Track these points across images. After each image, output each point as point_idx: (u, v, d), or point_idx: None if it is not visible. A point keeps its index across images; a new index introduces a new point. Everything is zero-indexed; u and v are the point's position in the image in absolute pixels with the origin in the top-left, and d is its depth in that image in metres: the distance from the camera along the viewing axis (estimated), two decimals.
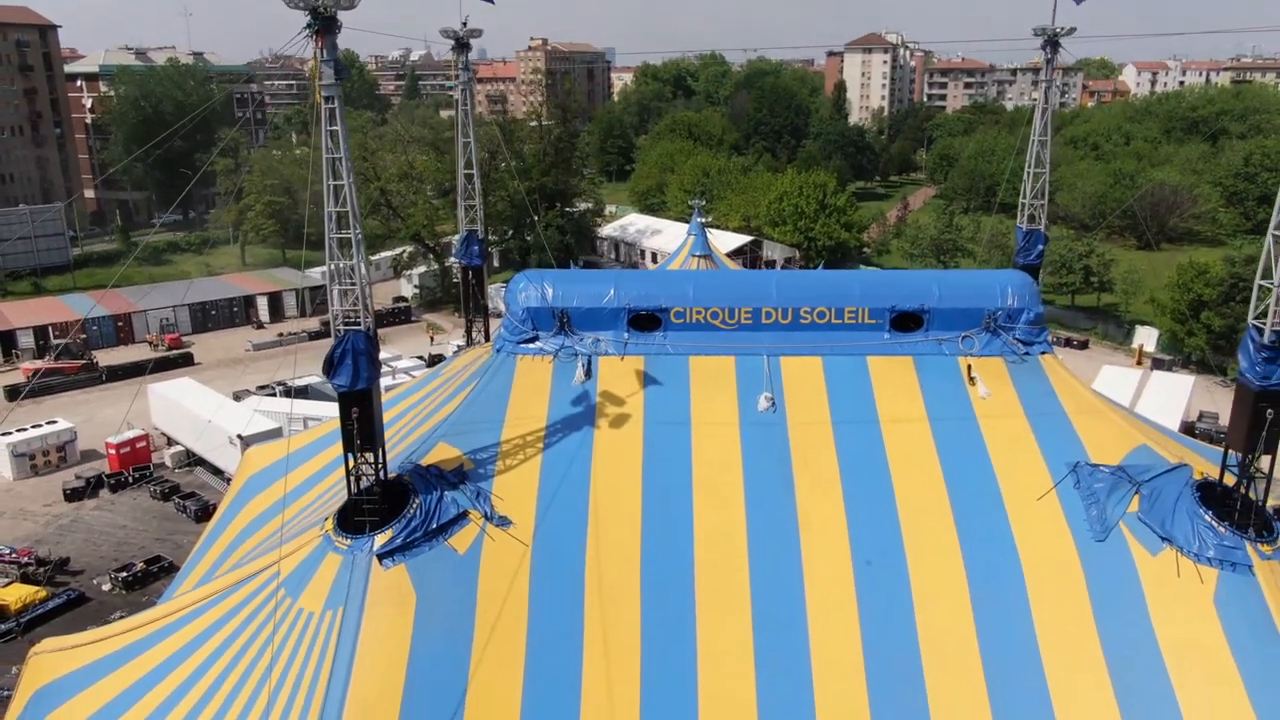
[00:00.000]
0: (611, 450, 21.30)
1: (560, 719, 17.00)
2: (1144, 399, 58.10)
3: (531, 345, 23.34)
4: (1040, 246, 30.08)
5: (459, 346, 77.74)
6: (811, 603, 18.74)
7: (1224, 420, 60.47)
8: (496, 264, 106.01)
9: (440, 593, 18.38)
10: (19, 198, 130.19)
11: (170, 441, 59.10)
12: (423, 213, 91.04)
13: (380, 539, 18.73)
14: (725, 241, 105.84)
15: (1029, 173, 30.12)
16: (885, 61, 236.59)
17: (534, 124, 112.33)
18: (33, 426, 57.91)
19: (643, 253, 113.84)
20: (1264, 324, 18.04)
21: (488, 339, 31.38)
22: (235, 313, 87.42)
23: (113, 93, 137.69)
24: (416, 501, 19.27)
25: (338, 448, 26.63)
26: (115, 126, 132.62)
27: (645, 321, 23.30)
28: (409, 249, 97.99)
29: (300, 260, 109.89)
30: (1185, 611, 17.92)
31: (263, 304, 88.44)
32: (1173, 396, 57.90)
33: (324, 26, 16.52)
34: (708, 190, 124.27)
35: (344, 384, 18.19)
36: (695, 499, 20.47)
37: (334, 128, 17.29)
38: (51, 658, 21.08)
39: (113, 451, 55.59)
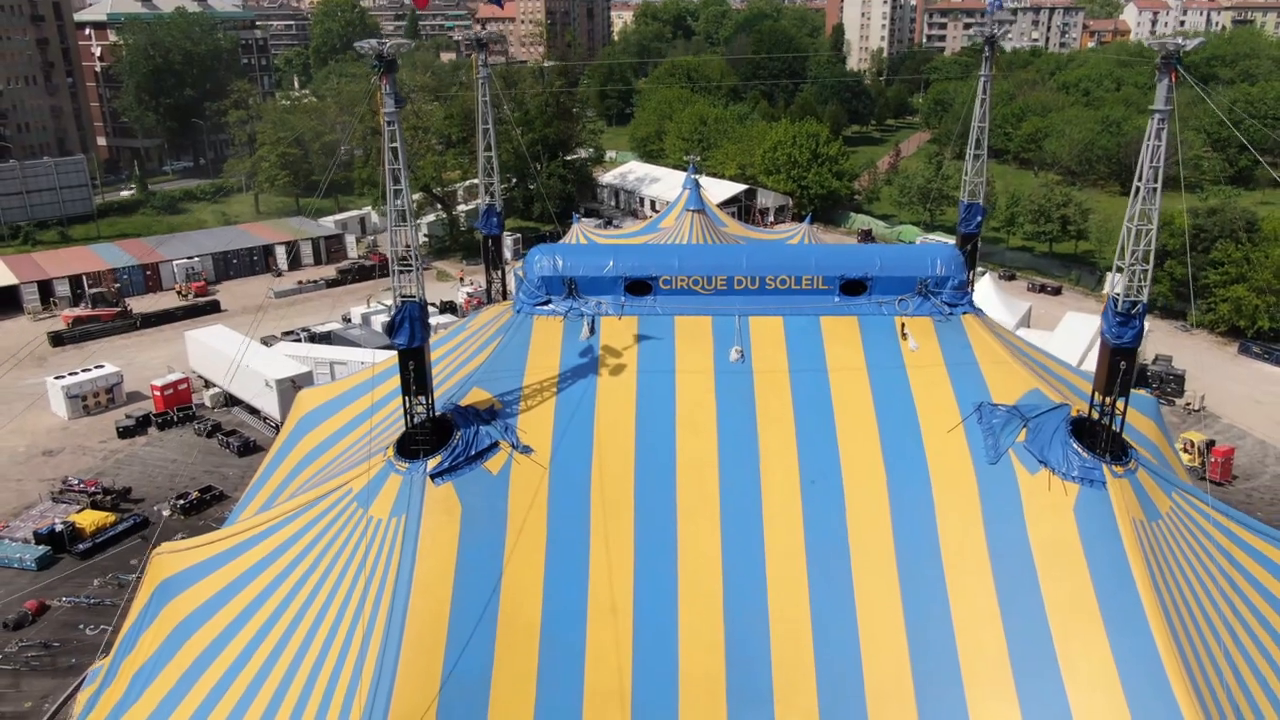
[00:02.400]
0: (611, 393, 26.57)
1: (573, 594, 22.54)
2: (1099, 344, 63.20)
3: (545, 307, 28.46)
4: (979, 218, 34.93)
5: (468, 294, 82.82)
6: (766, 510, 24.17)
7: (1177, 363, 65.94)
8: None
9: (479, 503, 23.81)
10: (35, 147, 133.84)
11: (208, 384, 64.37)
12: (431, 164, 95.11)
13: (432, 463, 24.09)
14: (720, 190, 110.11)
15: (970, 154, 34.76)
16: (885, 1, 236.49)
17: (536, 73, 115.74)
18: (82, 370, 63.15)
19: (642, 200, 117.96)
20: (1119, 296, 23.10)
21: (505, 297, 36.46)
22: (255, 261, 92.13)
23: (121, 42, 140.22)
24: (458, 434, 24.61)
25: (379, 392, 32.11)
26: (126, 76, 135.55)
27: (638, 288, 28.38)
28: (417, 198, 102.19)
29: (311, 208, 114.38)
30: (1052, 516, 23.32)
31: (280, 253, 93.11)
32: None
33: (386, 68, 21.27)
34: (705, 139, 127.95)
35: (403, 343, 23.38)
36: (677, 432, 25.79)
37: (394, 144, 22.08)
38: (170, 557, 26.69)
39: (157, 393, 60.79)
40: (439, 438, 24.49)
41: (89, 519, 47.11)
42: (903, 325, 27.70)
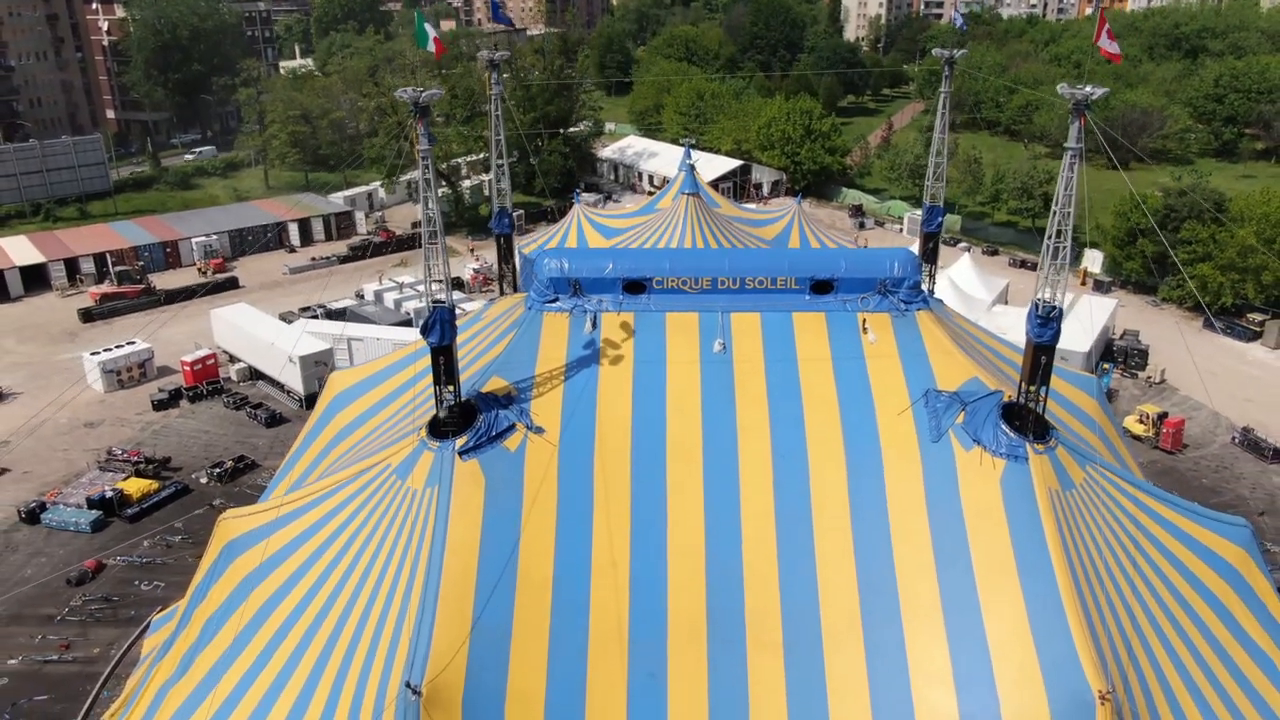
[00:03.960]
0: (610, 380, 30.82)
1: (580, 553, 26.96)
2: (1068, 320, 67.29)
3: (554, 305, 32.62)
4: (939, 219, 39.03)
5: (475, 270, 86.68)
6: (743, 480, 28.53)
7: (1144, 338, 70.20)
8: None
9: (500, 476, 28.17)
10: (47, 121, 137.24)
11: (232, 359, 68.71)
12: (437, 145, 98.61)
13: (459, 442, 28.41)
14: (716, 166, 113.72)
15: (932, 160, 38.70)
16: None
17: (537, 51, 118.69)
18: (116, 346, 67.44)
19: (640, 175, 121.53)
20: (1040, 300, 27.30)
21: (515, 289, 40.63)
22: (269, 238, 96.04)
23: (129, 17, 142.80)
24: (481, 418, 28.92)
25: (407, 374, 36.35)
26: (135, 52, 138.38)
27: (634, 287, 32.50)
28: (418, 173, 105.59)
29: (321, 183, 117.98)
30: (981, 487, 27.68)
31: (293, 229, 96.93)
32: (1093, 319, 67.11)
33: (421, 113, 25.28)
34: (702, 114, 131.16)
35: (435, 341, 27.60)
36: (668, 414, 30.07)
37: (429, 176, 26.10)
38: (235, 521, 31.16)
39: (186, 368, 65.22)
40: (465, 420, 28.80)
41: (135, 486, 51.66)
42: (864, 320, 31.86)
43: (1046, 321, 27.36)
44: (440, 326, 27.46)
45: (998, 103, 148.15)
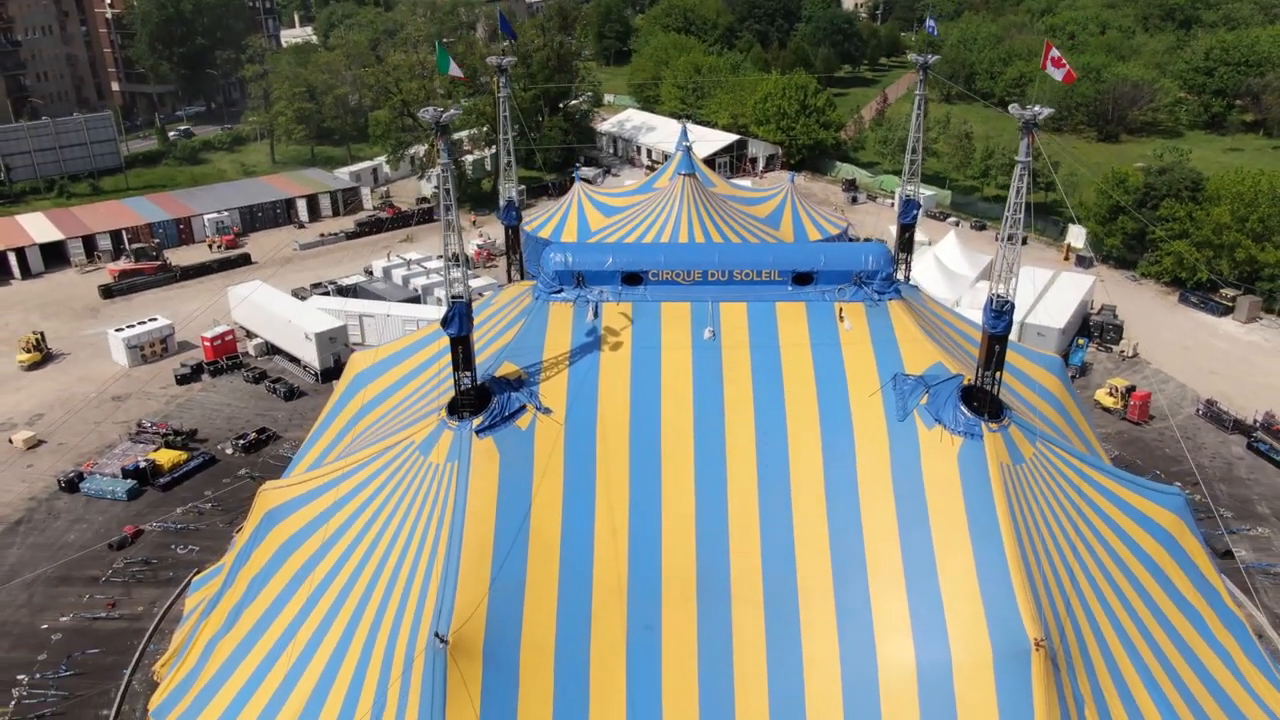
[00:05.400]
0: (611, 365, 34.17)
1: (584, 519, 30.49)
2: (1049, 295, 70.68)
3: (559, 295, 35.88)
4: (915, 212, 42.15)
5: (478, 245, 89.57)
6: (729, 454, 31.99)
7: (1121, 312, 73.42)
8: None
9: (513, 452, 31.63)
10: (54, 95, 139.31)
11: (249, 335, 71.93)
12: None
13: (476, 422, 31.83)
14: (713, 141, 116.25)
15: (907, 159, 41.71)
16: None
17: (538, 28, 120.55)
18: (139, 323, 70.63)
19: (639, 149, 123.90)
20: (994, 296, 30.55)
21: (523, 277, 43.85)
22: (278, 214, 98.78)
23: None
24: (495, 399, 32.32)
25: (423, 355, 39.66)
26: (140, 26, 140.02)
27: (632, 279, 35.75)
28: (424, 148, 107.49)
29: (326, 156, 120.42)
30: (941, 461, 31.14)
31: (302, 206, 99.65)
32: (1071, 294, 70.31)
33: (441, 131, 28.38)
34: (699, 87, 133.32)
35: (454, 333, 30.91)
36: (663, 395, 33.46)
37: (448, 186, 29.22)
38: (274, 492, 34.68)
39: (207, 344, 68.42)
40: (481, 402, 32.21)
41: (166, 457, 55.11)
42: (840, 310, 35.13)
43: (1000, 314, 30.63)
44: (459, 319, 30.75)
45: (991, 74, 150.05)
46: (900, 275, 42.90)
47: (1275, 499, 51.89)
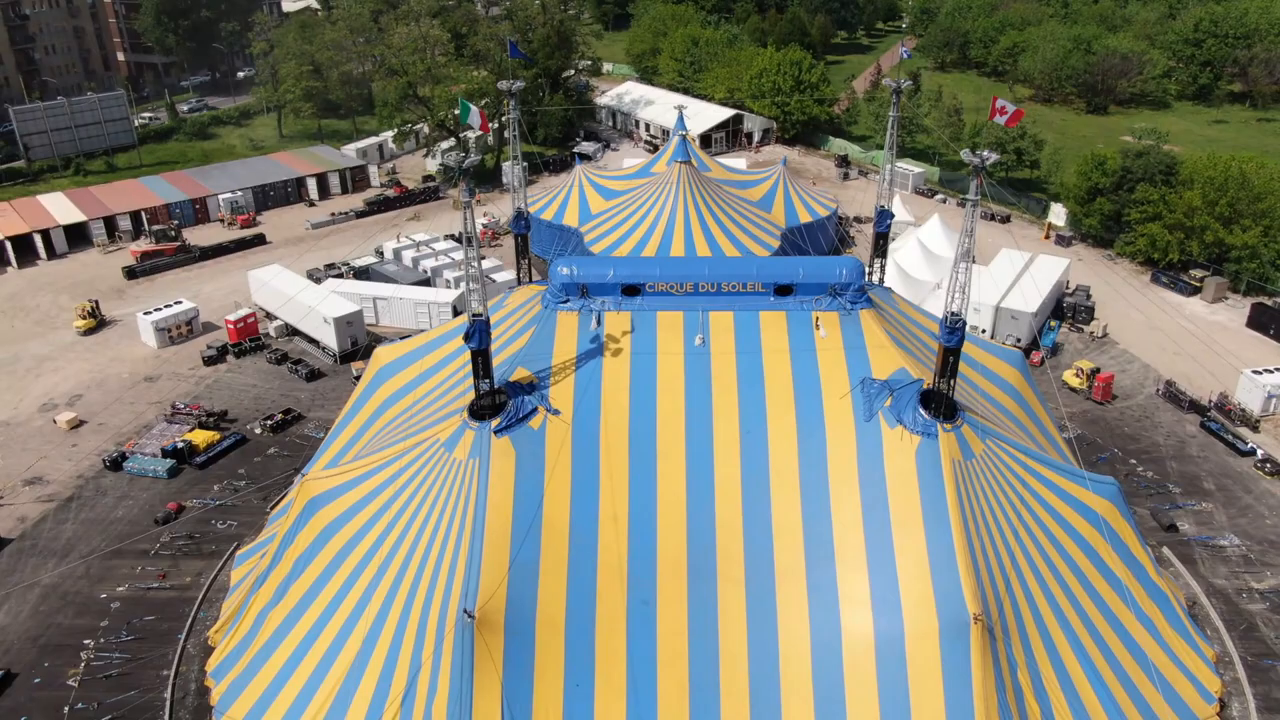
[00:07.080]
0: (612, 369, 38.53)
1: (589, 509, 35.07)
2: (1025, 278, 74.64)
3: (566, 305, 40.12)
4: (889, 221, 46.16)
5: (484, 225, 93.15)
6: (716, 450, 36.46)
7: (1096, 290, 77.47)
8: (506, 138, 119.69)
9: (527, 450, 36.11)
10: (61, 67, 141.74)
11: (270, 316, 76.02)
12: (444, 102, 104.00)
13: (494, 423, 36.28)
14: (709, 116, 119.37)
15: (884, 168, 45.56)
16: None
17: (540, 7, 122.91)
18: (166, 306, 74.69)
19: (637, 123, 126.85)
20: (949, 314, 34.78)
21: (531, 279, 47.99)
22: (289, 192, 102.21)
23: None
24: (510, 403, 36.73)
25: (443, 351, 43.95)
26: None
27: (631, 290, 39.97)
28: (426, 127, 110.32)
29: (331, 130, 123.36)
30: (900, 457, 35.62)
31: (312, 184, 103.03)
32: (1045, 277, 74.29)
33: (463, 174, 32.44)
34: (696, 60, 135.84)
35: (475, 345, 35.22)
36: (658, 397, 37.86)
37: (468, 211, 33.31)
38: (316, 482, 39.24)
39: (230, 326, 72.51)
40: (497, 405, 36.63)
41: (201, 437, 59.55)
42: (816, 318, 39.39)
43: (953, 330, 34.89)
44: (479, 334, 35.03)
45: (985, 43, 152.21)
46: (875, 279, 47.01)
47: (1222, 475, 56.46)
